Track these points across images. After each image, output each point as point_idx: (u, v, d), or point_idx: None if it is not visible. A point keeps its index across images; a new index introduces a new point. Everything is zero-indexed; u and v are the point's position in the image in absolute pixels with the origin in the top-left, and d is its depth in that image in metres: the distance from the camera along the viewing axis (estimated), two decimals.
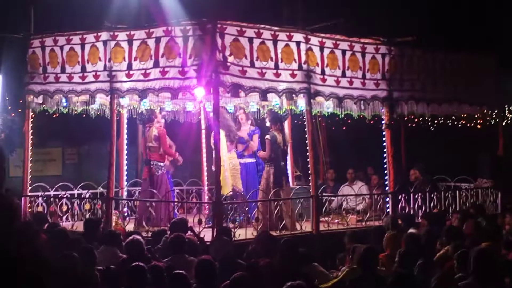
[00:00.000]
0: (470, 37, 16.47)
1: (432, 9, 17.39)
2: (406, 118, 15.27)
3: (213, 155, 11.93)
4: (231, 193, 12.71)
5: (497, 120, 15.56)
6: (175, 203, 13.19)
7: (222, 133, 12.68)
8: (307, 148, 12.41)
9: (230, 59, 10.84)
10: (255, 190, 12.51)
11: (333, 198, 14.37)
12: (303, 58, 11.67)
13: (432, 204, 13.66)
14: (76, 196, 13.51)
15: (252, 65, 11.09)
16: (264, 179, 12.50)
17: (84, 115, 13.33)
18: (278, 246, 8.61)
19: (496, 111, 15.51)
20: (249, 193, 12.55)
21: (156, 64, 11.20)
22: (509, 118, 16.22)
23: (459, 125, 16.11)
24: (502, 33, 16.93)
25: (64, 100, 12.77)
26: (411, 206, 13.40)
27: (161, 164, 12.98)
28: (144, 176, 13.14)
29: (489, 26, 17.59)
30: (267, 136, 12.66)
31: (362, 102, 12.65)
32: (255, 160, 13.55)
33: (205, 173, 14.89)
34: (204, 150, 14.93)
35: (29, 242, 7.86)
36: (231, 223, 11.84)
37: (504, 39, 16.76)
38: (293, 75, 11.55)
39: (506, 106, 15.77)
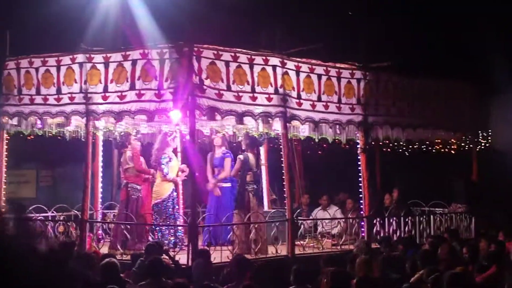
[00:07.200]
0: (449, 64, 16.59)
1: (413, 36, 17.51)
2: (381, 143, 15.35)
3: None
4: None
5: (471, 145, 15.70)
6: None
7: None
8: (283, 171, 12.44)
9: (207, 82, 10.87)
10: (230, 213, 12.49)
11: (308, 221, 14.37)
12: (279, 82, 11.71)
13: (406, 229, 13.72)
14: (50, 218, 13.39)
15: (229, 88, 11.12)
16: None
17: (59, 137, 13.26)
18: (253, 270, 8.59)
19: (470, 137, 15.64)
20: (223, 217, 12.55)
21: (132, 87, 11.20)
22: (483, 144, 16.37)
23: (434, 150, 16.21)
24: (481, 60, 17.04)
25: (39, 122, 12.72)
26: (386, 230, 13.46)
27: (138, 187, 12.91)
28: (121, 198, 13.10)
29: (468, 53, 17.73)
30: (240, 156, 12.72)
31: (337, 126, 12.73)
32: (230, 185, 13.50)
33: (181, 196, 14.84)
34: (179, 173, 14.88)
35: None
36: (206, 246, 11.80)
37: (482, 66, 16.88)
38: (269, 99, 11.58)
39: (479, 132, 15.90)
